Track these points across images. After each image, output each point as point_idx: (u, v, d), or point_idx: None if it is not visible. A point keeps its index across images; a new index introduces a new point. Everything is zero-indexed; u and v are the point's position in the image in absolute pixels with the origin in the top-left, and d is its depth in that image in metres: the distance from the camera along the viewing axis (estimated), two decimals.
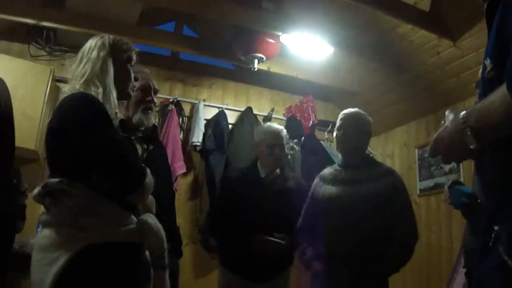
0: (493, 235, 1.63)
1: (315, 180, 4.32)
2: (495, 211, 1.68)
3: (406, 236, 3.89)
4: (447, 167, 6.05)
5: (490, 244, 1.64)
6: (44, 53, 6.14)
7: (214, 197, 6.06)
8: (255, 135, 4.80)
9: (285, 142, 4.61)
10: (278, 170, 4.59)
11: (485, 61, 1.77)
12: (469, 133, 1.63)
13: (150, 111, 3.61)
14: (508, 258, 1.52)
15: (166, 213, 3.52)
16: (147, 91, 3.60)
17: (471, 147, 1.63)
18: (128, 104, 3.48)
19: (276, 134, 4.56)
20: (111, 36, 2.73)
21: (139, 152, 3.48)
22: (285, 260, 4.47)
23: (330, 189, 4.08)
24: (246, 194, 4.42)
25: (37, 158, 5.45)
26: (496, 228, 1.62)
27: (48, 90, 5.42)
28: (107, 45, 2.66)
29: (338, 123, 4.15)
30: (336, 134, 4.16)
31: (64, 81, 5.77)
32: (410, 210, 4.00)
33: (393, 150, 7.32)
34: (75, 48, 6.03)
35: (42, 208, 2.42)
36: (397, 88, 6.64)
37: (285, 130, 4.73)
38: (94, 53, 2.60)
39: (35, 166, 5.54)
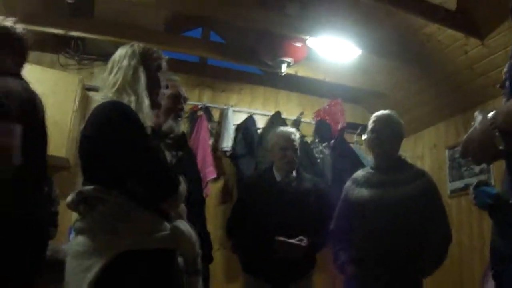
0: None
1: (348, 183, 4.32)
2: None
3: (440, 237, 3.90)
4: (477, 168, 6.00)
5: None
6: (74, 62, 6.20)
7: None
8: (269, 139, 4.84)
9: (297, 145, 4.61)
10: (294, 173, 4.62)
11: (511, 61, 1.77)
12: (497, 134, 1.62)
13: (180, 119, 3.68)
14: None
15: (196, 218, 3.54)
16: (177, 98, 3.66)
17: (500, 148, 1.62)
18: (158, 112, 3.49)
19: (288, 137, 4.60)
20: (141, 45, 2.74)
21: (168, 159, 3.52)
22: (307, 263, 4.49)
23: (363, 192, 4.08)
24: (262, 198, 4.47)
25: (67, 166, 5.50)
26: None
27: (77, 99, 5.47)
28: (138, 54, 2.67)
29: (370, 125, 4.14)
30: (369, 137, 4.15)
31: (93, 89, 5.85)
32: (444, 211, 3.99)
33: (423, 152, 7.26)
34: (104, 56, 6.13)
35: (73, 215, 2.44)
36: (425, 88, 6.60)
37: (297, 133, 4.76)
38: (125, 62, 2.61)
39: (66, 174, 5.58)
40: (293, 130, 4.79)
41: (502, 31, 5.06)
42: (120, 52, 2.69)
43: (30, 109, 3.15)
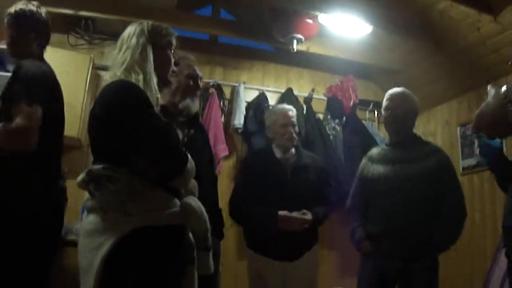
0: None
1: (363, 161, 4.39)
2: None
3: (456, 213, 3.96)
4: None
5: None
6: (84, 42, 6.19)
7: None
8: (267, 118, 4.88)
9: (295, 121, 4.69)
10: (293, 150, 4.68)
11: None
12: (511, 108, 1.61)
13: (196, 98, 3.72)
14: None
15: (208, 195, 3.58)
16: (194, 78, 3.71)
17: None
18: (176, 91, 3.60)
19: (287, 113, 4.67)
20: (150, 22, 2.74)
21: (180, 136, 3.54)
22: (310, 238, 4.56)
23: (379, 169, 4.13)
24: (263, 174, 4.53)
25: (80, 146, 5.52)
26: None
27: (88, 78, 5.47)
28: (146, 31, 2.66)
29: (385, 103, 4.18)
30: (384, 114, 4.17)
31: (104, 68, 5.80)
32: (458, 187, 4.05)
33: (435, 129, 7.24)
34: (114, 35, 6.06)
35: (86, 195, 2.46)
36: (437, 65, 6.56)
37: (294, 109, 4.81)
38: (134, 40, 2.62)
39: (79, 153, 5.61)
40: (290, 107, 4.85)
41: None
42: (129, 30, 2.69)
43: (59, 92, 3.32)
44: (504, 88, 1.65)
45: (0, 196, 2.99)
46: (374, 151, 4.36)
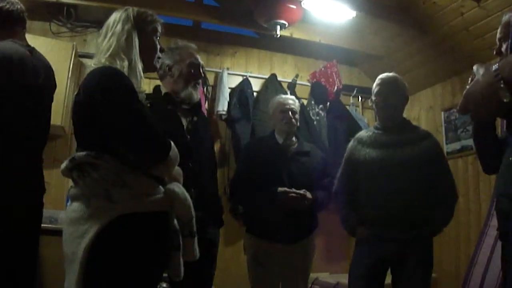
0: None
1: (352, 143, 4.37)
2: None
3: (448, 196, 4.01)
4: None
5: None
6: (66, 30, 6.15)
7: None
8: (270, 107, 4.93)
9: (297, 109, 4.76)
10: (294, 137, 4.75)
11: None
12: (502, 85, 1.59)
13: (198, 86, 3.81)
14: None
15: (209, 183, 3.75)
16: (196, 67, 3.78)
17: (505, 100, 1.59)
18: (178, 79, 3.70)
19: (287, 101, 4.75)
20: (135, 9, 2.73)
21: (183, 124, 3.68)
22: (311, 222, 4.62)
23: (371, 152, 4.13)
24: (265, 158, 4.58)
25: (63, 134, 5.50)
26: None
27: (71, 66, 5.43)
28: (132, 18, 2.66)
29: (375, 88, 4.18)
30: (374, 99, 4.18)
31: (87, 56, 5.82)
32: (449, 171, 4.11)
33: (419, 114, 7.28)
34: (97, 23, 6.08)
35: (71, 183, 2.45)
36: (421, 50, 6.58)
37: (297, 100, 4.90)
38: (119, 26, 2.61)
39: (62, 141, 5.60)
40: (292, 96, 4.94)
41: None
42: (114, 16, 2.68)
43: (19, 72, 3.29)
44: (495, 66, 1.63)
45: None
46: (363, 134, 4.35)
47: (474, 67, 1.84)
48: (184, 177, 2.67)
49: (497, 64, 1.63)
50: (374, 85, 4.20)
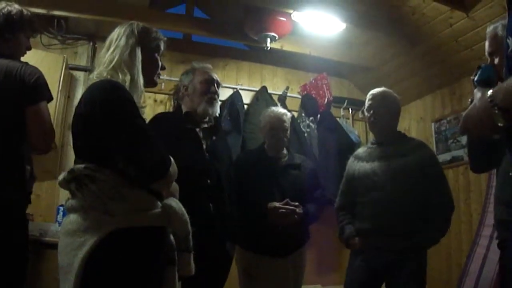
0: None
1: (350, 160, 4.45)
2: None
3: (444, 207, 4.02)
4: (464, 140, 6.02)
5: None
6: (57, 42, 6.13)
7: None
8: (261, 119, 4.94)
9: (288, 125, 4.76)
10: (284, 150, 4.78)
11: (507, 40, 1.77)
12: (496, 111, 1.62)
13: (214, 102, 3.85)
14: None
15: (226, 201, 3.78)
16: (209, 83, 3.86)
17: (499, 125, 1.63)
18: (193, 97, 3.78)
19: (279, 117, 4.74)
20: (140, 24, 2.76)
21: (203, 143, 3.74)
22: (302, 235, 4.63)
23: (365, 166, 4.20)
24: (255, 172, 4.57)
25: (54, 146, 5.47)
26: None
27: (62, 79, 5.41)
28: (136, 33, 2.69)
29: (367, 103, 4.26)
30: (367, 115, 4.23)
31: (77, 68, 5.82)
32: (445, 180, 4.13)
33: (410, 125, 7.30)
34: (87, 35, 6.09)
35: (61, 196, 2.45)
36: (411, 62, 6.61)
37: (288, 114, 4.90)
38: (123, 40, 2.63)
39: (53, 154, 5.57)
40: (284, 111, 4.92)
41: (487, 4, 5.05)
42: (119, 30, 2.71)
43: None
44: (490, 91, 1.67)
45: None
46: (360, 150, 4.44)
47: (475, 91, 1.90)
48: (203, 194, 2.70)
49: (492, 90, 1.67)
50: (366, 100, 4.26)
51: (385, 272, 3.95)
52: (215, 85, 3.90)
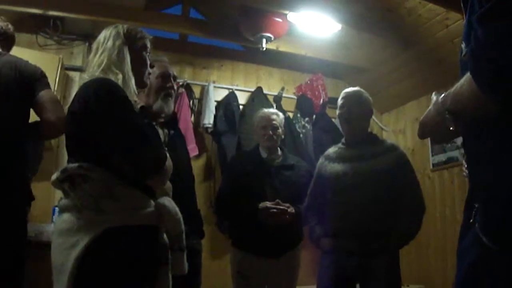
0: (473, 212, 1.66)
1: (320, 160, 4.41)
2: (475, 188, 1.71)
3: (413, 208, 3.97)
4: (459, 141, 6.03)
5: (471, 220, 1.67)
6: (52, 42, 6.13)
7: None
8: (254, 121, 4.95)
9: (277, 124, 4.75)
10: (279, 151, 4.79)
11: (462, 45, 1.80)
12: (447, 115, 1.65)
13: (170, 98, 3.72)
14: (482, 236, 1.54)
15: (188, 196, 3.67)
16: (167, 78, 3.71)
17: (451, 128, 1.65)
18: (149, 92, 3.61)
19: (269, 116, 4.77)
20: (125, 25, 2.77)
21: (161, 137, 3.61)
22: (295, 235, 4.63)
23: (335, 167, 4.14)
24: (248, 173, 4.59)
25: (50, 147, 5.48)
26: (476, 205, 1.64)
27: (57, 79, 5.41)
28: (122, 34, 2.69)
29: (340, 102, 4.24)
30: (338, 113, 4.22)
31: (73, 69, 5.82)
32: (416, 183, 4.08)
33: (405, 126, 7.31)
34: (83, 36, 6.08)
35: (57, 197, 2.45)
36: (407, 63, 6.62)
37: (280, 114, 4.91)
38: (110, 43, 2.63)
39: (49, 154, 5.57)
40: (275, 111, 4.97)
41: None
42: (105, 33, 2.71)
43: None
44: (442, 96, 1.70)
45: None
46: (331, 150, 4.36)
47: (432, 95, 1.91)
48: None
49: (443, 94, 1.69)
50: (339, 98, 4.25)
51: (356, 274, 3.92)
52: (172, 79, 3.78)
